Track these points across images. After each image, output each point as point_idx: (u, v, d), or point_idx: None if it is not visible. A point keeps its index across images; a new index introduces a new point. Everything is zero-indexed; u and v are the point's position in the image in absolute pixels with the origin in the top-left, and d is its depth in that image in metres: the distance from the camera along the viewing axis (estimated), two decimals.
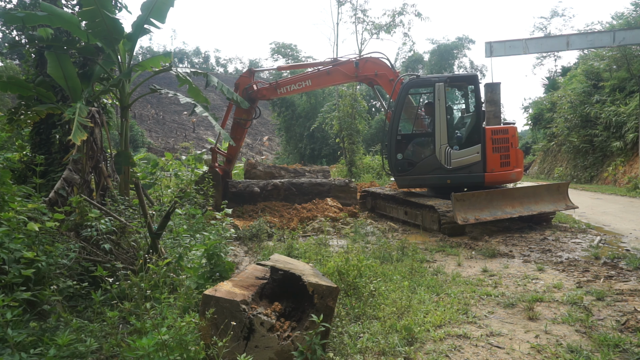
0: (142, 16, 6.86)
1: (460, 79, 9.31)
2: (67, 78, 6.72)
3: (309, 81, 10.07)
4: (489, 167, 8.56)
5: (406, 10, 21.42)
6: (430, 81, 9.04)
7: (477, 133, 8.69)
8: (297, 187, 10.56)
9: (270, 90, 10.26)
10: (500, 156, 8.61)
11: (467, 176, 8.63)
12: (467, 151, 8.64)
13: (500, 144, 8.64)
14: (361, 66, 9.66)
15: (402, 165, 8.97)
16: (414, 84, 9.21)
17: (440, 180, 8.76)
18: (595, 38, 14.78)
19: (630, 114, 17.03)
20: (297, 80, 10.14)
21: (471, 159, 8.60)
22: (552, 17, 36.65)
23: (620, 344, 3.28)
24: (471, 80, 9.07)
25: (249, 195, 10.11)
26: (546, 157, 26.34)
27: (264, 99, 10.52)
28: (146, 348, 2.35)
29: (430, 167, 8.76)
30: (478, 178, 8.59)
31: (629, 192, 14.08)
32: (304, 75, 10.42)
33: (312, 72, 10.25)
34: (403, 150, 9.02)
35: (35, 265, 3.29)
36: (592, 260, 5.92)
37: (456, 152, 8.64)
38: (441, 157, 8.65)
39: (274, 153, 44.19)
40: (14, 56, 19.06)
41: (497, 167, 8.59)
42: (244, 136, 10.64)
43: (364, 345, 3.30)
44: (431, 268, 5.61)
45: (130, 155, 7.25)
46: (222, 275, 4.06)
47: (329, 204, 10.03)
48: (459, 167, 8.61)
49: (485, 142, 8.58)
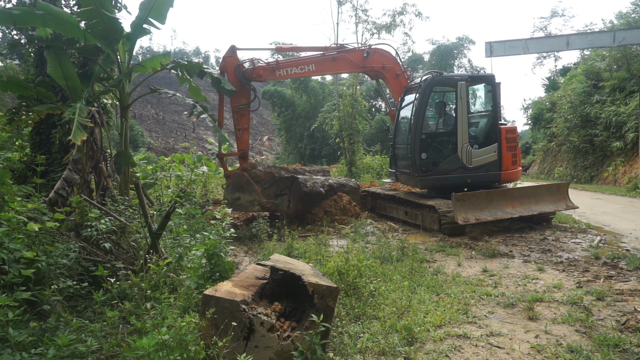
0: (141, 16, 6.85)
1: (479, 78, 9.31)
2: (67, 78, 6.72)
3: (312, 65, 9.35)
4: (504, 165, 8.77)
5: (406, 10, 21.38)
6: (453, 79, 8.86)
7: (494, 132, 8.84)
8: (339, 187, 10.12)
9: (268, 71, 9.19)
10: (512, 155, 8.84)
11: (485, 175, 8.78)
12: (486, 150, 8.77)
13: (512, 143, 8.86)
14: (369, 56, 9.30)
15: (427, 165, 8.74)
16: (438, 82, 8.98)
17: (461, 179, 8.70)
18: (595, 38, 14.77)
19: (630, 114, 17.03)
20: (299, 63, 9.39)
21: (489, 158, 8.76)
22: (552, 17, 36.65)
23: (620, 344, 3.29)
24: (489, 80, 9.10)
25: (316, 195, 9.23)
26: (546, 157, 26.33)
27: (259, 80, 9.36)
28: (146, 348, 2.35)
29: (453, 166, 8.71)
30: (495, 177, 8.80)
31: (629, 192, 14.07)
32: (307, 58, 9.58)
33: (317, 56, 9.46)
34: (427, 149, 8.80)
35: (35, 265, 3.30)
36: (592, 260, 5.92)
37: (476, 151, 8.72)
38: (463, 156, 8.65)
39: (274, 153, 44.19)
40: (14, 56, 19.05)
41: (510, 166, 8.81)
42: (249, 124, 9.55)
43: (364, 345, 3.30)
44: (431, 268, 5.61)
45: (130, 155, 7.25)
46: (222, 275, 4.06)
47: (351, 203, 9.94)
48: (478, 166, 8.74)
49: (501, 141, 8.76)
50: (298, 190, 8.76)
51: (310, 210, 9.14)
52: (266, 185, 9.14)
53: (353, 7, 21.33)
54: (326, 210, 9.31)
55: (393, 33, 24.55)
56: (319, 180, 9.59)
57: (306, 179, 9.18)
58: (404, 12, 21.28)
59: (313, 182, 9.23)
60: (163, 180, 10.83)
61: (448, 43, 38.73)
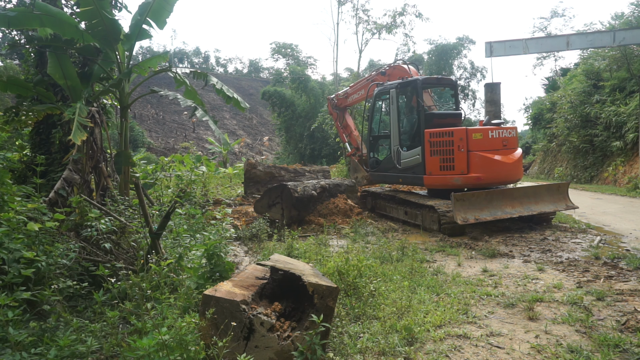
0: (139, 17, 6.83)
1: (406, 84, 9.36)
2: (67, 78, 6.72)
3: (362, 90, 11.56)
4: (427, 169, 8.51)
5: (407, 11, 21.40)
6: (386, 88, 9.67)
7: (418, 136, 8.77)
8: (333, 187, 10.25)
9: (343, 99, 12.53)
10: (441, 159, 8.27)
11: (412, 176, 8.99)
12: (411, 153, 8.93)
13: (439, 147, 8.33)
14: (389, 73, 10.68)
15: (372, 163, 10.20)
16: (381, 92, 9.92)
17: (394, 178, 9.62)
18: (595, 38, 14.77)
19: (630, 114, 17.02)
20: (357, 89, 11.94)
21: (414, 161, 8.83)
22: (552, 17, 36.60)
23: (620, 344, 3.29)
24: (413, 85, 9.08)
25: (308, 199, 9.29)
26: (546, 157, 26.33)
27: (340, 106, 12.80)
28: (146, 348, 2.35)
29: (389, 165, 9.52)
30: (419, 180, 8.78)
31: (629, 192, 14.07)
32: (359, 85, 11.93)
33: (363, 83, 11.77)
34: (374, 150, 10.49)
35: (35, 265, 3.30)
36: (592, 260, 5.92)
37: (404, 153, 9.10)
38: (394, 157, 9.32)
39: (274, 153, 44.18)
40: (14, 56, 19.06)
41: (437, 171, 8.38)
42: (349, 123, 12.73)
43: (364, 345, 3.30)
44: (431, 268, 5.61)
45: (130, 155, 7.25)
46: (222, 275, 4.06)
47: (348, 203, 9.91)
48: (406, 167, 9.07)
49: (424, 144, 8.52)
50: (289, 197, 8.72)
51: (305, 217, 9.10)
52: (258, 198, 9.48)
53: (354, 7, 21.37)
54: (325, 214, 9.30)
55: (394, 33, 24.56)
56: (310, 184, 9.60)
57: (296, 185, 9.16)
58: (404, 12, 21.29)
59: (304, 186, 9.22)
60: (163, 180, 10.84)
61: (446, 43, 38.68)
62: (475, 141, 8.03)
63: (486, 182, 8.11)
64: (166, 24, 6.99)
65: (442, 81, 10.40)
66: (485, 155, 7.99)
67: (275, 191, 8.97)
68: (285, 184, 9.09)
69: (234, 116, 55.53)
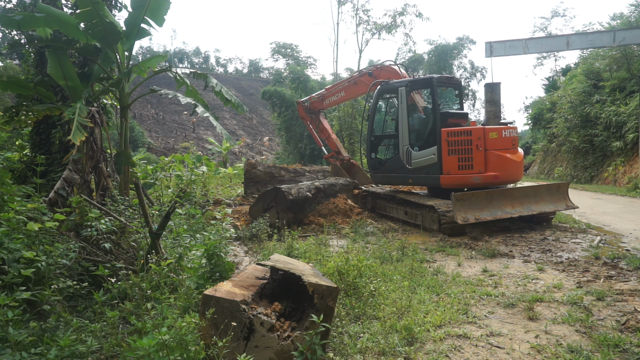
0: (136, 14, 6.77)
1: (419, 82, 9.36)
2: (67, 78, 6.72)
3: (342, 92, 11.53)
4: (444, 169, 8.42)
5: (407, 11, 21.41)
6: (394, 86, 9.43)
7: (433, 135, 8.66)
8: (328, 187, 10.20)
9: (319, 102, 12.26)
10: (459, 159, 8.26)
11: (425, 177, 8.87)
12: (425, 152, 8.76)
13: (456, 147, 8.30)
14: (376, 74, 10.51)
15: (374, 164, 9.94)
16: (384, 90, 9.74)
17: (403, 179, 9.36)
18: (595, 38, 14.77)
19: (630, 114, 17.03)
20: (335, 92, 11.77)
21: (428, 160, 8.65)
22: (552, 17, 36.68)
23: (620, 344, 3.28)
24: (429, 83, 9.05)
25: (303, 201, 9.23)
26: (546, 157, 26.35)
27: (315, 109, 12.50)
28: (146, 348, 2.35)
29: (397, 166, 9.28)
30: (435, 180, 8.66)
31: (629, 192, 14.08)
32: (338, 87, 11.75)
33: (345, 85, 11.60)
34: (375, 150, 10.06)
35: (35, 265, 3.29)
36: (592, 260, 5.92)
37: (416, 153, 8.90)
38: (403, 158, 9.07)
39: (274, 153, 44.17)
40: (14, 56, 19.06)
41: (455, 170, 8.32)
42: (326, 126, 12.64)
43: (364, 345, 3.30)
44: (431, 268, 5.60)
45: (130, 155, 7.25)
46: (222, 275, 4.06)
47: (348, 203, 9.90)
48: (418, 168, 8.87)
49: (441, 144, 8.43)
50: (284, 200, 8.66)
51: (301, 219, 9.05)
52: (253, 202, 9.45)
53: (354, 7, 21.38)
54: (325, 214, 9.29)
55: (394, 33, 24.55)
56: (305, 185, 9.57)
57: (290, 187, 9.11)
58: (404, 12, 21.29)
59: (298, 188, 9.18)
60: (163, 180, 10.84)
61: (446, 43, 38.71)
62: (491, 140, 8.18)
63: (502, 181, 8.31)
64: (165, 20, 6.91)
65: (452, 80, 10.21)
66: (501, 154, 8.17)
67: (270, 195, 8.90)
68: (278, 187, 9.02)
69: (234, 116, 55.54)
